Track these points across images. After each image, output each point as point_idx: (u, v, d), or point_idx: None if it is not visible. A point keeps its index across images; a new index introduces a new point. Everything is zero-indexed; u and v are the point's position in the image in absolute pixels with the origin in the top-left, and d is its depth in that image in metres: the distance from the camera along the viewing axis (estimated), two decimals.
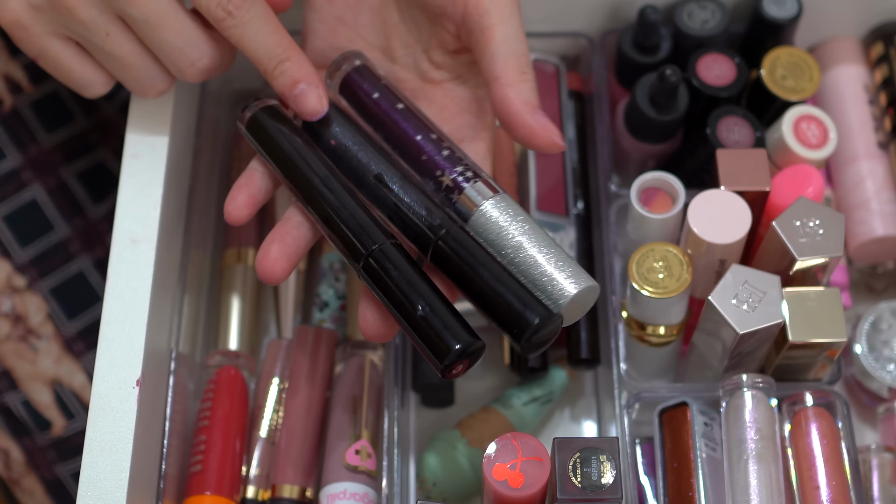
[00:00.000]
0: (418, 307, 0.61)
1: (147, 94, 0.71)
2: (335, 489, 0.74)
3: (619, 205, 0.81)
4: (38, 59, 0.70)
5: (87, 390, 0.81)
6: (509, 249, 0.63)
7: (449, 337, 0.60)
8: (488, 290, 0.61)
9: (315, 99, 0.67)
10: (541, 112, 0.65)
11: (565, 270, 0.62)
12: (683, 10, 0.83)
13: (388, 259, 0.63)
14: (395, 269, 0.62)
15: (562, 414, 0.84)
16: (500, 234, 0.63)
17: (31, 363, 0.81)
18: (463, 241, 0.63)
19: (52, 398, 0.81)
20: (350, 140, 0.68)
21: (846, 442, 0.72)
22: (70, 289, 0.82)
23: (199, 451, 0.75)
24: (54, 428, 0.81)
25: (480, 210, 0.64)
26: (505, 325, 0.61)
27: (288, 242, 0.66)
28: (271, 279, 0.65)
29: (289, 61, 0.67)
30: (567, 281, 0.61)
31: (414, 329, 0.62)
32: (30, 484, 0.82)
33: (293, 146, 0.67)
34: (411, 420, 0.82)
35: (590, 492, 0.62)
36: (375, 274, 0.63)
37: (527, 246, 0.62)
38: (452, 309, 0.62)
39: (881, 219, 0.83)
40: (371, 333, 0.65)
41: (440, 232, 0.63)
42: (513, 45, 0.66)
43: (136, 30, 0.68)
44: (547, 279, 0.62)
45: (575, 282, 0.61)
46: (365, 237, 0.64)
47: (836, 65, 0.89)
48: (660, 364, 0.78)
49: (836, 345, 0.71)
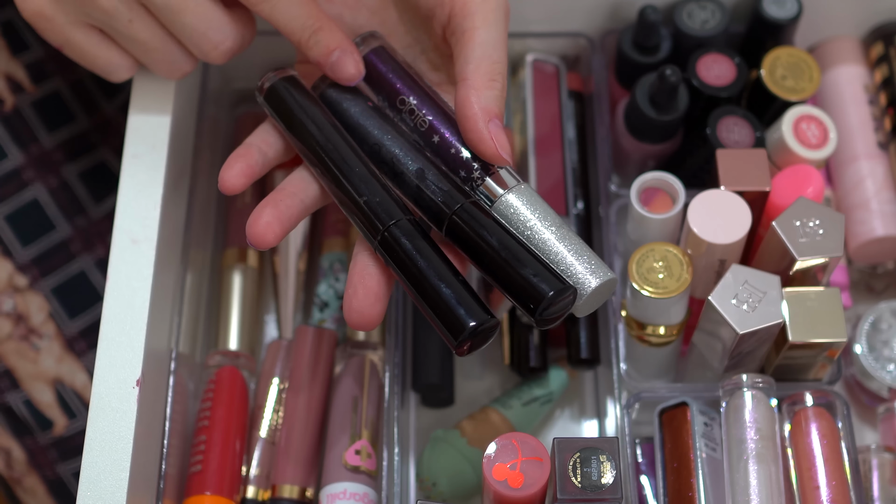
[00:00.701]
0: (434, 282, 0.61)
1: (172, 77, 0.72)
2: (335, 489, 0.74)
3: (619, 205, 0.81)
4: (64, 48, 0.70)
5: (88, 390, 0.81)
6: (530, 238, 0.63)
7: (464, 313, 0.60)
8: (502, 263, 0.61)
9: (352, 64, 0.68)
10: (497, 122, 0.64)
11: (586, 262, 0.62)
12: (683, 10, 0.83)
13: (405, 234, 0.63)
14: (412, 244, 0.62)
15: (562, 414, 0.84)
16: (521, 223, 0.63)
17: (32, 362, 0.81)
18: (477, 216, 0.63)
19: (54, 397, 0.81)
20: (370, 116, 0.68)
21: (846, 442, 0.72)
22: (71, 288, 0.82)
23: (199, 451, 0.75)
24: (56, 427, 0.81)
25: (502, 199, 0.64)
26: (518, 297, 0.61)
27: (281, 209, 0.65)
28: (261, 244, 0.64)
29: (322, 30, 0.67)
30: (588, 273, 0.62)
31: (429, 304, 0.62)
32: (31, 483, 0.82)
33: (312, 117, 0.67)
34: (411, 420, 0.82)
35: (590, 492, 0.62)
36: (392, 249, 0.63)
37: (547, 236, 0.63)
38: (468, 286, 0.62)
39: (881, 219, 0.83)
40: (356, 320, 0.64)
41: (455, 206, 0.63)
42: (488, 51, 0.65)
43: (159, 15, 0.68)
44: (565, 269, 0.62)
45: (595, 274, 0.62)
46: (383, 212, 0.63)
47: (836, 65, 0.89)
48: (660, 364, 0.78)
49: (836, 345, 0.71)
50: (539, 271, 0.61)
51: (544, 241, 0.63)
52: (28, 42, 0.83)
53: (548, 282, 0.60)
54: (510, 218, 0.64)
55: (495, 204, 0.64)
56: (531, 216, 0.64)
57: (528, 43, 0.88)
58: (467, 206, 0.63)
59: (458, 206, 0.63)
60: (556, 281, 0.61)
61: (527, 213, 0.64)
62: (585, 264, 0.62)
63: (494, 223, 0.63)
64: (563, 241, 0.63)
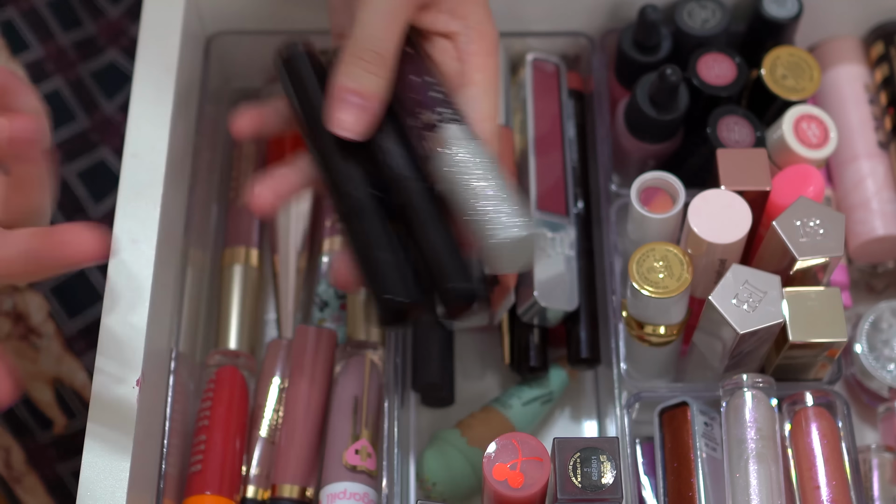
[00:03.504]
0: (374, 253, 0.64)
1: None
2: (335, 489, 0.74)
3: (620, 204, 0.81)
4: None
5: (87, 389, 0.81)
6: (464, 190, 0.65)
7: (399, 287, 0.63)
8: (425, 247, 0.65)
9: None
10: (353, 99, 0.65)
11: (504, 216, 0.64)
12: (684, 9, 0.83)
13: (363, 209, 0.65)
14: (366, 218, 0.64)
15: (562, 414, 0.84)
16: (459, 176, 0.65)
17: (32, 362, 0.81)
18: (415, 195, 0.65)
19: (53, 397, 0.81)
20: None
21: (846, 442, 0.72)
22: (71, 288, 0.82)
23: (199, 450, 0.75)
24: (55, 426, 0.81)
25: (445, 151, 0.65)
26: (433, 283, 0.65)
27: (277, 179, 0.67)
28: (258, 211, 0.67)
29: None
30: (499, 226, 0.64)
31: (367, 275, 0.64)
32: (31, 482, 0.82)
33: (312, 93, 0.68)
34: (411, 420, 0.82)
35: (590, 492, 0.62)
36: (348, 222, 0.65)
37: (478, 191, 0.64)
38: (411, 264, 0.64)
39: (881, 218, 0.83)
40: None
41: (403, 182, 0.65)
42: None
43: None
44: (485, 222, 0.64)
45: (506, 228, 0.64)
46: (349, 185, 0.65)
47: (836, 64, 0.89)
48: (660, 364, 0.78)
49: (837, 344, 0.71)
50: (451, 264, 0.64)
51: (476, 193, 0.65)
52: (28, 42, 0.83)
53: (455, 276, 0.64)
54: (452, 168, 0.65)
55: (441, 154, 0.65)
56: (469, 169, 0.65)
57: (528, 42, 0.88)
58: (411, 183, 0.65)
59: (404, 183, 0.65)
60: (462, 278, 0.64)
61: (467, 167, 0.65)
62: (504, 218, 0.64)
63: (432, 205, 0.65)
64: (490, 195, 0.64)
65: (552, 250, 0.80)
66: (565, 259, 0.80)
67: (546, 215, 0.81)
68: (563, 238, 0.81)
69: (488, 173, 0.65)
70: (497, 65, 0.69)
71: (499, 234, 0.63)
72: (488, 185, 0.64)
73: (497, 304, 0.80)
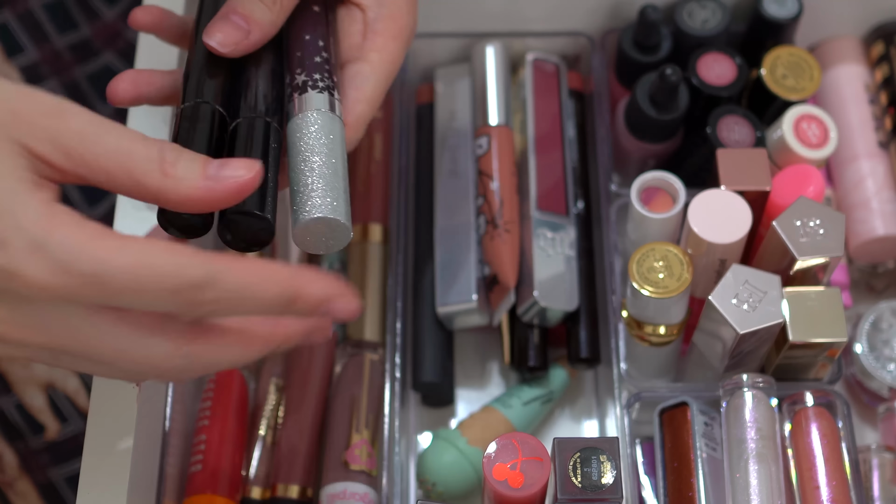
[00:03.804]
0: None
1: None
2: (335, 489, 0.74)
3: (620, 204, 0.81)
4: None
5: (80, 394, 0.81)
6: (297, 161, 0.63)
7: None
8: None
9: None
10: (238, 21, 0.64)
11: (316, 198, 0.62)
12: (684, 9, 0.83)
13: (201, 118, 0.63)
14: (198, 126, 0.62)
15: (562, 414, 0.84)
16: (299, 144, 0.63)
17: (24, 367, 0.81)
18: (254, 133, 0.63)
19: (46, 402, 0.81)
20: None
21: (846, 442, 0.72)
22: None
23: (199, 450, 0.75)
24: (48, 432, 0.81)
25: (300, 116, 0.63)
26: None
27: (143, 74, 0.66)
28: (111, 97, 0.65)
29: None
30: (309, 205, 0.61)
31: None
32: (23, 487, 0.82)
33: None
34: (411, 420, 0.82)
35: (590, 492, 0.62)
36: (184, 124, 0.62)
37: (307, 166, 0.62)
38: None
39: (881, 218, 0.83)
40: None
41: (247, 114, 0.64)
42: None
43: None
44: (300, 197, 0.62)
45: (314, 208, 0.61)
46: (201, 94, 0.63)
47: (836, 64, 0.89)
48: (660, 364, 0.78)
49: (837, 344, 0.71)
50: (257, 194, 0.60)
51: (305, 169, 0.62)
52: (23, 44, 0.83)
53: (250, 200, 0.60)
54: (295, 135, 0.63)
55: (295, 118, 0.64)
56: (311, 143, 0.63)
57: (528, 42, 0.88)
58: (255, 120, 0.63)
59: (248, 118, 0.63)
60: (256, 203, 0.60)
61: (311, 139, 0.63)
62: (316, 199, 0.61)
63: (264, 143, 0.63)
64: (316, 173, 0.62)
65: (552, 250, 0.80)
66: (565, 259, 0.80)
67: (546, 215, 0.81)
68: (563, 238, 0.81)
69: (328, 153, 0.63)
70: (400, 52, 0.67)
71: (305, 212, 0.61)
72: (320, 163, 0.62)
73: (497, 304, 0.80)
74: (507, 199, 0.81)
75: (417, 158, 0.87)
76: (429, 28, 0.87)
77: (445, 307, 0.80)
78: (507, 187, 0.82)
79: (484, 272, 0.81)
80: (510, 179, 0.82)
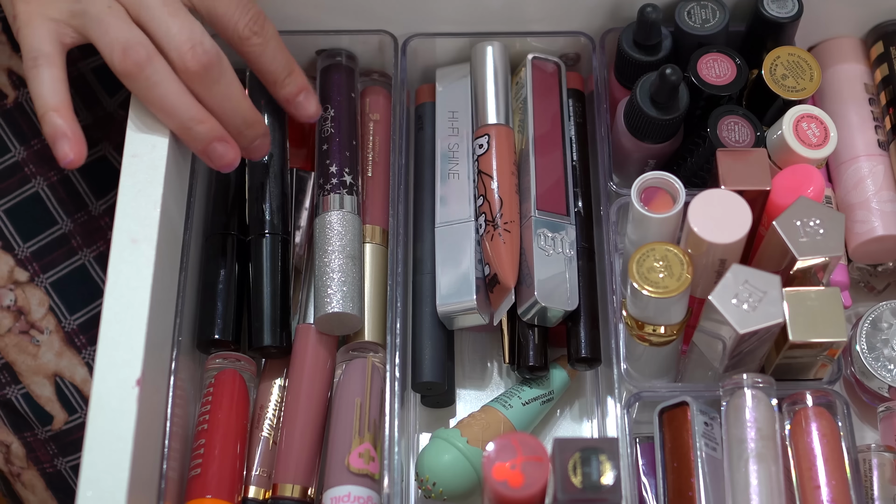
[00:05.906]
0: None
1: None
2: (339, 492, 0.74)
3: (620, 204, 0.81)
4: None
5: (88, 384, 0.81)
6: (322, 257, 0.78)
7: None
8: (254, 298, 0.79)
9: (315, 104, 0.80)
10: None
11: (335, 294, 0.77)
12: (684, 8, 0.83)
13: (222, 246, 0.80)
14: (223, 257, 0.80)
15: (562, 414, 0.84)
16: (324, 243, 0.79)
17: (32, 357, 0.81)
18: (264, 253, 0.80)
19: (54, 392, 0.81)
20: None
21: (846, 441, 0.72)
22: (72, 283, 0.82)
23: (199, 454, 0.75)
24: (55, 422, 0.82)
25: (326, 215, 0.79)
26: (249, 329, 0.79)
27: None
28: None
29: (294, 72, 0.78)
30: (327, 301, 0.77)
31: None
32: (30, 477, 0.83)
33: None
34: (411, 420, 0.82)
35: (590, 492, 0.62)
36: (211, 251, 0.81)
37: (333, 262, 0.78)
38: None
39: (881, 218, 0.83)
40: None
41: (260, 231, 0.80)
42: None
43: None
44: (321, 293, 0.78)
45: (325, 305, 0.77)
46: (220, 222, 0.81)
47: (836, 64, 0.89)
48: (660, 364, 0.78)
49: (837, 344, 0.71)
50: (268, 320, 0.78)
51: (329, 265, 0.78)
52: None
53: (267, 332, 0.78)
54: (321, 234, 0.79)
55: (321, 216, 0.80)
56: (334, 241, 0.79)
57: (528, 42, 0.88)
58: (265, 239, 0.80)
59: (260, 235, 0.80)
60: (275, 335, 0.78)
61: (333, 238, 0.79)
62: (334, 295, 0.77)
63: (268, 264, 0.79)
64: (337, 270, 0.78)
65: (552, 250, 0.80)
66: (565, 259, 0.80)
67: (546, 215, 0.81)
68: (563, 238, 0.81)
69: (342, 248, 0.78)
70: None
71: (319, 307, 0.77)
72: (336, 259, 0.78)
73: (497, 304, 0.80)
74: (507, 199, 0.81)
75: (417, 158, 0.87)
76: (429, 28, 0.87)
77: (445, 307, 0.80)
78: (506, 187, 0.82)
79: (484, 272, 0.81)
80: (510, 179, 0.82)
